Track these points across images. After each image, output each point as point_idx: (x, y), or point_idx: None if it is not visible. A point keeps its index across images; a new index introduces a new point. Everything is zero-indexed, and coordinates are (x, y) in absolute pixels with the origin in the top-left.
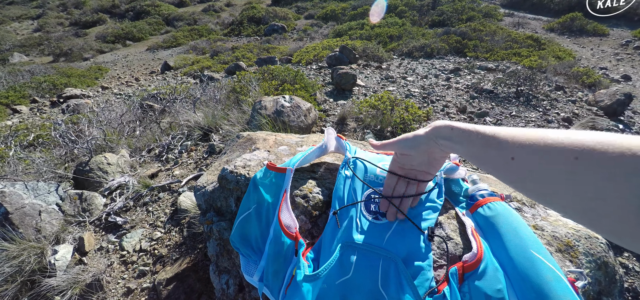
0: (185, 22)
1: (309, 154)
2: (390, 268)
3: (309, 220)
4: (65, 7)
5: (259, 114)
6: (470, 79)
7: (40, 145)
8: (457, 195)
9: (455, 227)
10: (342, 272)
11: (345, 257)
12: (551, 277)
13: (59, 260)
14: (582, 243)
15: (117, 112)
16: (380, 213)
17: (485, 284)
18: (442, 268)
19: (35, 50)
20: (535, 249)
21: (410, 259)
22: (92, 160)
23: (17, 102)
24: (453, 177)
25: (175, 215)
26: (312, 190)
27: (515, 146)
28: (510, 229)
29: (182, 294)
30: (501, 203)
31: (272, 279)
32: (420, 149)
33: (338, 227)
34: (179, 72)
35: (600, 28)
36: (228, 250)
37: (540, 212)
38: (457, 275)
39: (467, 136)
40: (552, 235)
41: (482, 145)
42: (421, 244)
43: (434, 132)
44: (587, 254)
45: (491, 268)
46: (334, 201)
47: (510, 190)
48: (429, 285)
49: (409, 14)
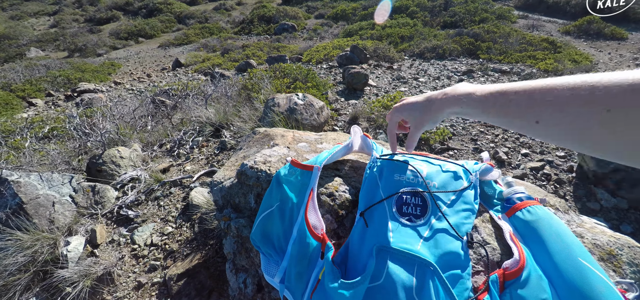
0: (197, 20)
1: (336, 152)
2: (426, 274)
3: (334, 220)
4: (81, 4)
5: (272, 111)
6: (484, 81)
7: (54, 137)
8: (490, 197)
9: (491, 231)
10: (373, 277)
11: (378, 261)
12: (603, 288)
13: (71, 252)
14: (625, 252)
15: (130, 107)
16: (414, 215)
17: (529, 293)
18: (479, 274)
19: (51, 45)
20: (583, 256)
21: (448, 266)
22: (105, 153)
23: (33, 96)
24: (486, 178)
25: (187, 211)
26: (338, 188)
27: (539, 108)
28: (553, 234)
29: (193, 290)
30: (542, 207)
31: (295, 282)
32: (427, 116)
33: (366, 229)
34: (189, 69)
35: (619, 31)
36: (246, 248)
37: (575, 218)
38: (497, 283)
39: (482, 104)
40: (593, 242)
41: (502, 114)
42: (459, 250)
43: (449, 102)
44: (631, 264)
45: (535, 276)
46: (361, 201)
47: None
48: (468, 294)
49: (420, 15)
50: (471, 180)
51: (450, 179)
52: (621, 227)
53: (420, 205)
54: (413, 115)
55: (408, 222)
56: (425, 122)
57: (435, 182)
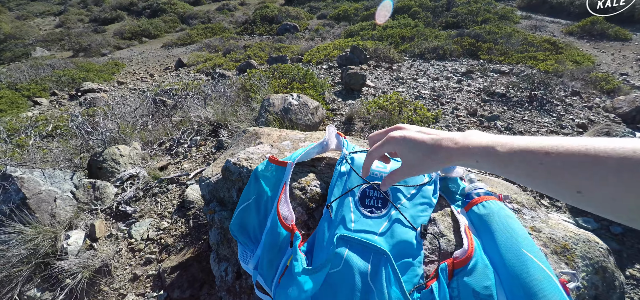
0: (200, 20)
1: (310, 149)
2: (380, 262)
3: (305, 212)
4: (86, 4)
5: (266, 111)
6: (483, 82)
7: (57, 135)
8: (453, 193)
9: (450, 224)
10: (333, 264)
11: (338, 249)
12: (541, 277)
13: (71, 245)
14: (579, 246)
15: (131, 106)
16: (375, 207)
17: (474, 281)
18: (433, 264)
19: (56, 45)
20: (528, 248)
21: (401, 254)
22: (106, 151)
23: (38, 95)
24: (450, 175)
25: (182, 207)
26: (311, 183)
27: (579, 178)
28: (503, 227)
29: (185, 282)
30: (496, 202)
31: (267, 268)
32: (429, 164)
33: (331, 219)
34: (192, 69)
35: (623, 32)
36: (228, 239)
37: (541, 215)
38: (446, 272)
39: (506, 165)
40: (549, 237)
41: (530, 179)
42: (413, 240)
43: (460, 154)
44: (584, 257)
45: (481, 265)
46: (329, 195)
47: (510, 191)
48: (418, 281)
49: (422, 15)
50: (431, 176)
51: None
52: (611, 228)
53: (382, 198)
54: (412, 156)
55: (369, 213)
56: (424, 170)
57: None
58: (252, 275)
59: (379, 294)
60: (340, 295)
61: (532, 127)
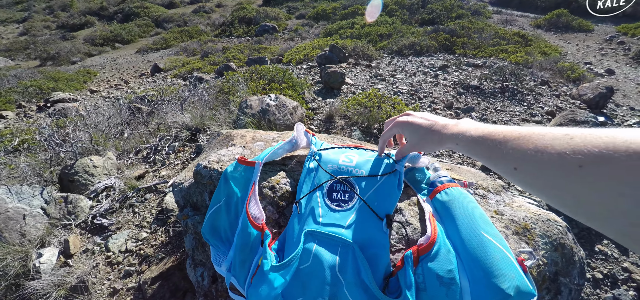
0: (175, 24)
1: (279, 148)
2: (348, 254)
3: (276, 210)
4: (52, 10)
5: (244, 113)
6: (458, 75)
7: (25, 149)
8: (420, 182)
9: (416, 213)
10: (302, 259)
11: (306, 245)
12: (498, 257)
13: (43, 264)
14: (539, 226)
15: (105, 115)
16: (342, 201)
17: (437, 265)
18: (400, 252)
19: (21, 54)
20: (486, 230)
21: (368, 245)
22: (78, 163)
23: (3, 108)
24: (417, 166)
25: (161, 215)
26: (280, 181)
27: (517, 156)
28: (463, 212)
29: (167, 292)
30: (457, 188)
31: (239, 269)
32: (425, 144)
33: (300, 215)
34: (169, 74)
35: (586, 24)
36: (203, 244)
37: (505, 199)
38: (412, 259)
39: (472, 145)
40: (511, 219)
41: (487, 156)
42: (380, 230)
43: (447, 138)
44: (543, 236)
45: (444, 250)
46: (299, 192)
47: (478, 178)
48: (385, 269)
49: (399, 13)
50: (395, 167)
51: (378, 166)
52: None
53: (348, 191)
54: (413, 137)
55: (337, 207)
56: (422, 148)
57: (363, 170)
58: (226, 278)
59: (347, 286)
60: (311, 289)
61: (505, 117)
